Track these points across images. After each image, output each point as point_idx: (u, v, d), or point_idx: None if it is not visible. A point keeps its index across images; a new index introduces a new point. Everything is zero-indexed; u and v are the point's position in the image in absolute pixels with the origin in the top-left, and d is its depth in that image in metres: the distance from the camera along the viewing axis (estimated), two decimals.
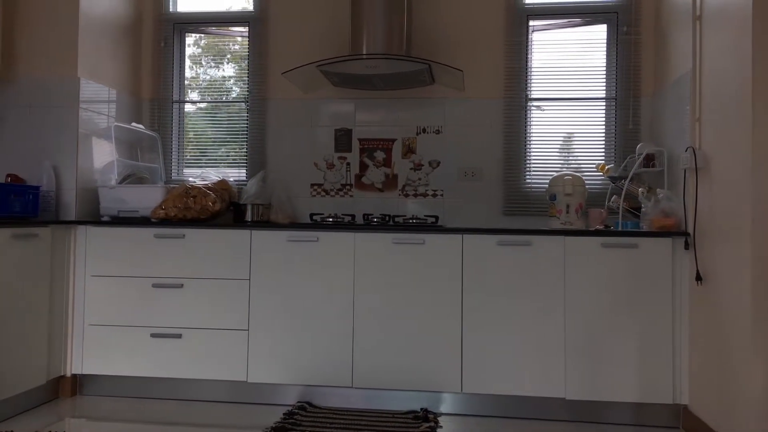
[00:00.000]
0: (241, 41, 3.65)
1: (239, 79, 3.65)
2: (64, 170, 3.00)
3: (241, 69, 3.65)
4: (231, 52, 3.69)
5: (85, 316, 2.92)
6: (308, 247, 2.83)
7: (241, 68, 3.65)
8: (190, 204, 3.00)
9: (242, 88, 3.63)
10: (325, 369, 2.79)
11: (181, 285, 2.88)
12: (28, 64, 3.04)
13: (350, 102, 3.44)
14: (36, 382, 2.72)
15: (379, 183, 3.42)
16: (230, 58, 3.68)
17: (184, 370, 2.86)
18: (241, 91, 3.62)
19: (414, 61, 2.98)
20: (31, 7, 3.04)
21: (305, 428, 2.51)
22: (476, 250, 2.73)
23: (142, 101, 3.58)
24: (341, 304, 2.80)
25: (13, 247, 2.58)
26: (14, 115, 3.05)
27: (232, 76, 3.66)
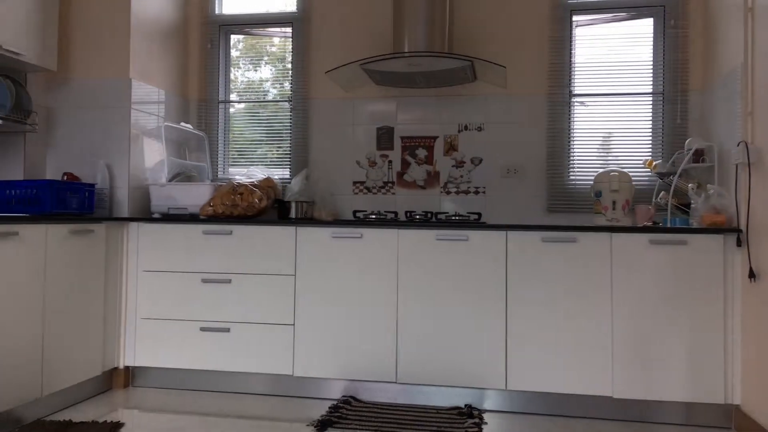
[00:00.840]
0: (278, 43, 3.71)
1: (276, 81, 3.71)
2: (117, 169, 3.11)
3: (278, 70, 3.71)
4: (269, 54, 3.75)
5: (137, 309, 3.02)
6: (352, 243, 2.87)
7: (278, 69, 3.71)
8: (237, 201, 3.07)
9: (279, 89, 3.69)
10: (369, 364, 2.82)
11: (229, 280, 2.95)
12: (82, 67, 3.16)
13: (392, 100, 3.47)
14: (91, 373, 2.83)
15: (421, 180, 3.43)
16: (268, 60, 3.74)
17: (232, 363, 2.93)
18: (278, 92, 3.68)
19: (456, 58, 2.98)
20: (85, 12, 3.16)
21: (351, 422, 2.54)
22: (520, 247, 2.72)
23: (189, 102, 3.68)
24: (385, 300, 2.82)
25: (71, 242, 2.68)
26: (70, 115, 3.17)
27: (272, 77, 3.72)
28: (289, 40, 3.66)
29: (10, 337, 2.35)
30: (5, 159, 3.02)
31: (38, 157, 3.13)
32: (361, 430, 2.47)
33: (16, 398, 2.38)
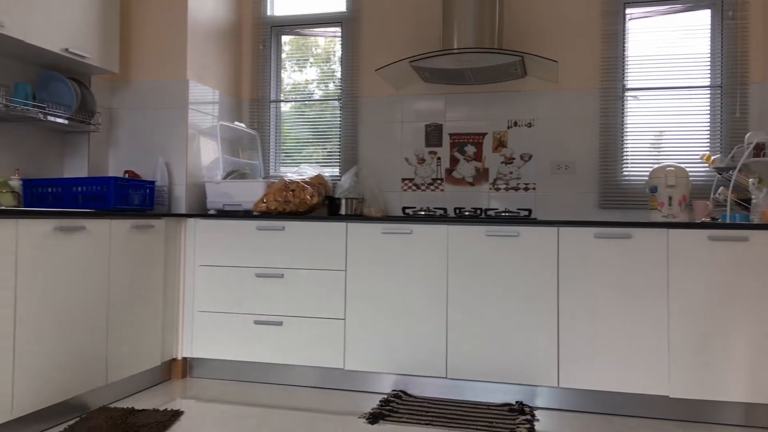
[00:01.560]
0: (323, 44, 3.77)
1: (321, 82, 3.77)
2: (175, 166, 3.22)
3: (323, 72, 3.77)
4: (314, 56, 3.81)
5: (194, 302, 3.12)
6: (402, 239, 2.89)
7: (323, 71, 3.77)
8: (289, 198, 3.13)
9: (323, 90, 3.75)
10: (419, 359, 2.84)
11: (282, 275, 3.02)
12: (142, 69, 3.29)
13: (441, 97, 3.48)
14: (151, 363, 2.94)
15: (470, 177, 3.43)
16: (313, 62, 3.80)
17: (285, 356, 3.00)
18: (323, 93, 3.74)
19: (506, 53, 2.97)
20: (145, 17, 3.28)
21: (402, 415, 2.57)
22: (572, 243, 2.70)
23: (242, 101, 3.78)
24: (435, 296, 2.84)
25: (133, 236, 2.79)
26: (131, 115, 3.30)
27: (318, 79, 3.78)
28: (333, 41, 3.72)
29: (78, 327, 2.47)
30: (71, 157, 3.17)
31: (101, 155, 3.27)
32: (413, 423, 2.49)
33: (82, 386, 2.49)
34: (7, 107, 2.61)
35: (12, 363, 2.16)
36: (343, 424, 2.51)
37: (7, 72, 2.82)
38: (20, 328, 2.20)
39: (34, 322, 2.26)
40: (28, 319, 2.23)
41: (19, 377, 2.19)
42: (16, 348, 2.18)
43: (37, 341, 2.27)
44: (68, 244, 2.42)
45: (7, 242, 2.15)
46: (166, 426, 2.39)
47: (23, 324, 2.21)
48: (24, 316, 2.22)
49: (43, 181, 2.84)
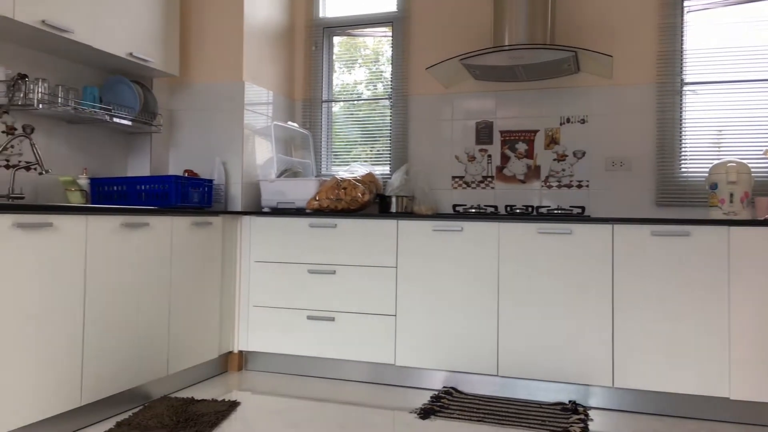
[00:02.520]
0: (371, 45, 3.81)
1: (369, 83, 3.81)
2: (232, 166, 3.32)
3: (372, 72, 3.81)
4: (363, 57, 3.86)
5: (249, 297, 3.21)
6: (453, 236, 2.90)
7: (371, 72, 3.81)
8: (341, 195, 3.19)
9: (372, 90, 3.79)
10: (469, 356, 2.84)
11: (334, 271, 3.08)
12: (200, 72, 3.41)
13: (491, 94, 3.47)
14: (209, 356, 3.04)
15: (521, 174, 3.41)
16: (362, 63, 3.85)
17: (337, 351, 3.05)
18: (371, 94, 3.78)
19: (559, 49, 2.94)
20: (203, 21, 3.40)
21: (452, 412, 2.58)
22: (628, 241, 2.65)
23: (294, 102, 3.86)
24: (486, 293, 2.83)
25: (193, 233, 2.90)
26: (189, 116, 3.43)
27: (366, 80, 3.82)
28: (382, 42, 3.76)
29: (141, 319, 2.59)
30: (135, 157, 3.32)
31: (162, 155, 3.41)
32: (464, 420, 2.50)
33: (145, 375, 2.61)
34: (76, 110, 2.76)
35: (81, 352, 2.29)
36: (394, 418, 2.54)
37: (76, 76, 2.97)
38: (89, 320, 2.32)
39: (102, 314, 2.38)
40: (96, 311, 2.35)
41: (87, 366, 2.32)
42: (85, 338, 2.31)
43: (104, 332, 2.40)
44: (133, 240, 2.53)
45: (78, 237, 2.27)
46: (224, 416, 2.48)
47: (92, 315, 2.34)
48: (92, 307, 2.34)
49: (109, 179, 2.98)
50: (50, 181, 2.84)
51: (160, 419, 2.38)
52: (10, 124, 2.65)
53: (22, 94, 2.55)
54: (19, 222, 2.04)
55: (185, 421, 2.38)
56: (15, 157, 2.67)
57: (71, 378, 2.24)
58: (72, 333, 2.25)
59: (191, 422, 2.36)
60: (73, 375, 2.25)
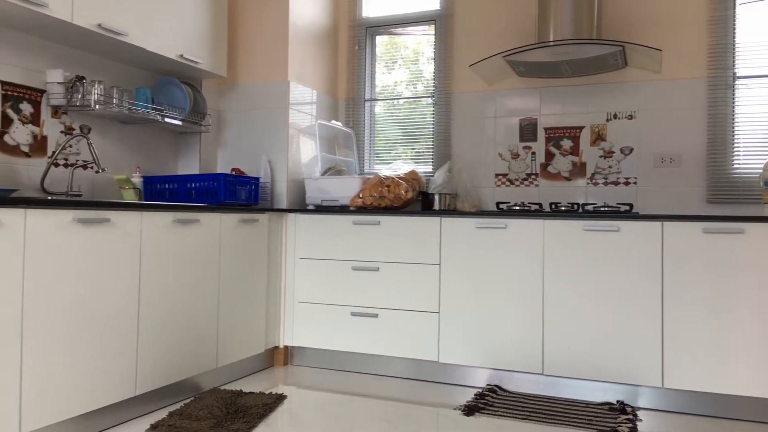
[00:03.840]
0: (412, 45, 3.81)
1: (409, 83, 3.82)
2: (277, 164, 3.38)
3: (411, 72, 3.83)
4: (402, 57, 3.87)
5: (294, 293, 3.27)
6: (496, 233, 2.89)
7: (411, 72, 3.83)
8: (384, 193, 3.21)
9: (412, 90, 3.80)
10: (514, 354, 2.83)
11: (377, 268, 3.10)
12: (247, 72, 3.48)
13: (536, 91, 3.44)
14: (256, 350, 3.11)
15: (566, 171, 3.37)
16: (402, 63, 3.86)
17: (380, 347, 3.07)
18: (411, 93, 3.79)
19: (606, 44, 2.89)
20: (250, 23, 3.47)
21: (497, 409, 2.57)
22: (678, 238, 2.59)
23: (338, 101, 3.91)
24: (530, 291, 2.81)
25: (240, 230, 2.97)
26: (236, 116, 3.50)
27: (407, 80, 3.83)
28: (422, 42, 3.76)
29: (192, 312, 2.66)
30: (185, 156, 3.41)
31: (211, 154, 3.50)
32: (509, 417, 2.49)
33: (195, 368, 2.68)
34: (130, 110, 2.86)
35: (136, 344, 2.37)
36: (438, 415, 2.55)
37: (129, 78, 3.08)
38: (143, 312, 2.41)
39: (155, 307, 2.47)
40: (149, 304, 2.44)
41: (142, 358, 2.40)
42: (140, 330, 2.39)
43: (157, 325, 2.48)
44: (184, 236, 2.61)
45: (133, 232, 2.36)
46: (271, 408, 2.53)
47: (145, 308, 2.42)
48: (146, 300, 2.42)
49: (161, 178, 3.07)
50: (105, 179, 2.95)
51: (210, 410, 2.45)
52: (69, 124, 2.76)
53: (80, 96, 2.66)
54: (80, 217, 2.13)
55: (234, 412, 2.44)
56: (73, 156, 2.78)
57: (127, 369, 2.32)
58: (128, 325, 2.33)
59: (240, 414, 2.42)
60: (128, 366, 2.33)
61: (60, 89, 2.64)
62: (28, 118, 2.58)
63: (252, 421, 2.35)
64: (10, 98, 2.51)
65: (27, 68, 2.58)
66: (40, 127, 2.64)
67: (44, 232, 2.01)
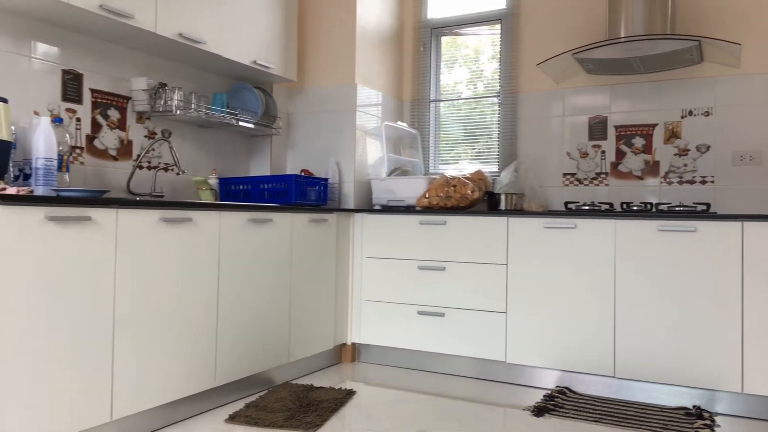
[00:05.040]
0: (472, 45, 3.81)
1: (470, 83, 3.82)
2: (344, 165, 3.46)
3: (472, 72, 3.82)
4: (462, 57, 3.87)
5: (362, 292, 3.33)
6: (565, 234, 2.86)
7: (472, 71, 3.82)
8: (450, 193, 3.23)
9: (472, 90, 3.79)
10: (584, 356, 2.78)
11: (444, 268, 3.12)
12: (316, 76, 3.58)
13: (605, 88, 3.37)
14: (325, 346, 3.18)
15: (638, 170, 3.28)
16: (462, 63, 3.86)
17: (447, 346, 3.09)
18: (471, 93, 3.78)
19: (681, 38, 2.81)
20: (318, 28, 3.57)
21: (567, 411, 2.54)
22: (759, 239, 2.49)
23: (403, 102, 3.95)
24: (601, 292, 2.76)
25: (310, 229, 3.05)
26: (305, 119, 3.60)
27: (467, 80, 3.83)
28: (484, 41, 3.75)
29: (266, 308, 2.76)
30: (256, 158, 3.54)
31: (281, 155, 3.61)
32: (580, 419, 2.46)
33: (268, 362, 2.78)
34: (207, 115, 2.99)
35: (215, 338, 2.48)
36: (507, 415, 2.54)
37: (206, 84, 3.22)
38: (221, 307, 2.52)
39: (232, 303, 2.57)
40: (227, 299, 2.55)
41: (220, 351, 2.51)
42: (219, 324, 2.50)
43: (234, 319, 2.59)
44: (258, 234, 2.71)
45: (212, 231, 2.47)
46: (342, 403, 2.60)
47: (224, 303, 2.53)
48: (224, 296, 2.53)
49: (236, 179, 3.20)
50: (184, 180, 3.09)
51: (284, 403, 2.54)
52: (151, 129, 2.92)
53: (162, 102, 2.81)
54: (165, 217, 2.26)
55: (307, 405, 2.51)
56: (155, 159, 2.94)
57: (207, 361, 2.44)
58: (208, 318, 2.45)
59: (313, 407, 2.50)
60: (208, 358, 2.45)
61: (144, 96, 2.79)
62: (115, 124, 2.75)
63: (324, 415, 2.42)
64: (99, 105, 2.68)
65: (114, 77, 2.74)
66: (126, 132, 2.80)
67: (133, 231, 2.14)
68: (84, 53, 2.62)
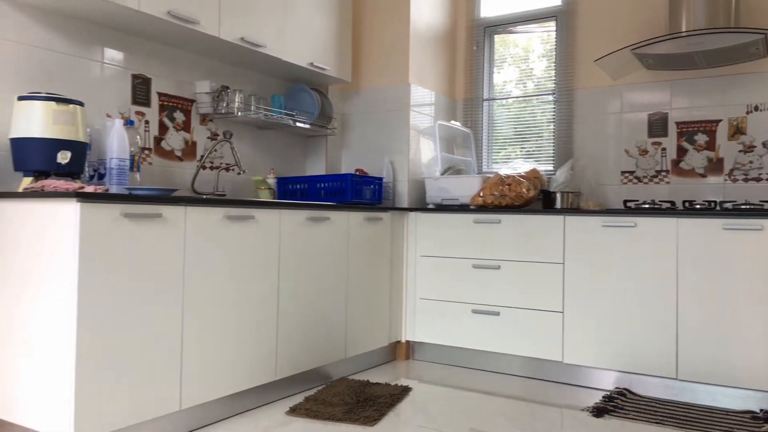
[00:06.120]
0: (522, 43, 3.77)
1: (519, 82, 3.79)
2: (399, 164, 3.49)
3: (521, 71, 3.79)
4: (511, 56, 3.84)
5: (416, 290, 3.35)
6: (625, 232, 2.81)
7: (521, 69, 3.79)
8: (505, 191, 3.22)
9: (521, 89, 3.76)
10: (644, 357, 2.73)
11: (498, 266, 3.11)
12: (370, 76, 3.62)
13: (666, 84, 3.29)
14: (380, 343, 3.22)
15: (701, 168, 3.20)
16: (511, 62, 3.83)
17: (501, 345, 3.08)
18: (520, 92, 3.74)
19: (747, 32, 2.72)
20: (372, 29, 3.61)
21: (628, 413, 2.50)
22: None
23: (455, 101, 3.95)
24: (662, 292, 2.70)
25: (365, 227, 3.10)
26: (360, 119, 3.66)
27: (516, 79, 3.80)
28: (533, 39, 3.72)
29: (324, 304, 2.82)
30: (312, 158, 3.61)
31: (336, 155, 3.67)
32: (641, 421, 2.42)
33: (326, 357, 2.84)
34: (266, 116, 3.07)
35: (276, 332, 2.55)
36: (564, 415, 2.52)
37: (264, 86, 3.31)
38: (282, 302, 2.59)
39: (292, 297, 2.64)
40: (287, 295, 2.61)
41: (281, 345, 2.58)
42: (279, 319, 2.57)
43: (294, 314, 2.65)
44: (316, 232, 2.77)
45: (273, 229, 2.54)
46: (398, 399, 2.63)
47: (284, 299, 2.60)
48: (285, 291, 2.60)
49: (293, 178, 3.27)
50: (243, 180, 3.19)
51: (341, 397, 2.59)
52: (214, 130, 3.02)
53: (224, 104, 2.90)
54: (229, 215, 2.34)
55: (364, 400, 2.56)
56: (217, 160, 3.04)
57: (268, 354, 2.51)
58: (269, 313, 2.52)
59: (370, 402, 2.54)
60: (269, 352, 2.52)
61: (207, 99, 2.90)
62: (180, 126, 2.86)
63: (381, 410, 2.46)
64: (165, 108, 2.80)
65: (179, 80, 2.85)
66: (191, 133, 2.91)
67: (200, 227, 2.23)
68: (151, 58, 2.73)
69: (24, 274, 1.96)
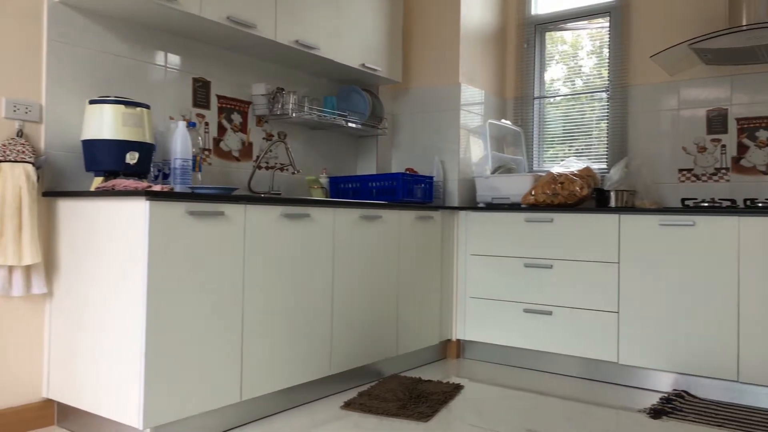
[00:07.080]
0: (570, 40, 3.72)
1: (567, 79, 3.74)
2: (449, 164, 3.50)
3: (570, 68, 3.74)
4: (560, 53, 3.80)
5: (466, 289, 3.36)
6: (683, 231, 2.75)
7: (570, 67, 3.74)
8: (557, 190, 3.19)
9: (570, 87, 3.70)
10: (703, 359, 2.66)
11: (551, 266, 3.09)
12: (420, 77, 3.65)
13: (725, 79, 3.20)
14: (431, 341, 3.24)
15: (763, 165, 3.09)
16: (559, 59, 3.79)
17: (554, 345, 3.06)
18: (569, 90, 3.69)
19: None
20: (422, 30, 3.64)
21: (686, 415, 2.45)
22: None
23: (506, 100, 3.94)
24: (723, 292, 2.63)
25: (416, 226, 3.12)
26: (410, 119, 3.68)
27: (564, 76, 3.74)
28: (582, 36, 3.66)
29: (375, 302, 2.86)
30: (363, 157, 3.66)
31: (386, 155, 3.71)
32: (701, 424, 2.36)
33: (378, 354, 2.87)
34: (319, 117, 3.14)
35: (330, 327, 2.60)
36: (620, 416, 2.49)
37: (317, 87, 3.37)
38: (336, 298, 2.64)
39: (346, 294, 2.69)
40: (342, 291, 2.66)
41: (336, 341, 2.63)
42: (334, 314, 2.62)
43: (348, 310, 2.70)
44: (368, 231, 2.82)
45: (328, 227, 2.60)
46: (450, 396, 2.64)
47: (338, 295, 2.65)
48: (339, 288, 2.65)
49: (345, 178, 3.33)
50: (296, 179, 3.26)
51: (394, 393, 2.62)
52: (269, 131, 3.11)
53: (279, 106, 2.98)
54: (286, 213, 2.40)
55: (417, 397, 2.58)
56: (272, 160, 3.12)
57: (323, 350, 2.57)
58: (325, 308, 2.57)
59: (422, 398, 2.56)
60: (324, 347, 2.57)
61: (263, 100, 2.98)
62: (237, 127, 2.95)
63: (434, 406, 2.48)
64: (223, 110, 2.89)
65: (236, 83, 2.94)
66: (247, 134, 3.00)
67: (258, 224, 2.30)
68: (210, 62, 2.83)
69: (97, 269, 2.07)
